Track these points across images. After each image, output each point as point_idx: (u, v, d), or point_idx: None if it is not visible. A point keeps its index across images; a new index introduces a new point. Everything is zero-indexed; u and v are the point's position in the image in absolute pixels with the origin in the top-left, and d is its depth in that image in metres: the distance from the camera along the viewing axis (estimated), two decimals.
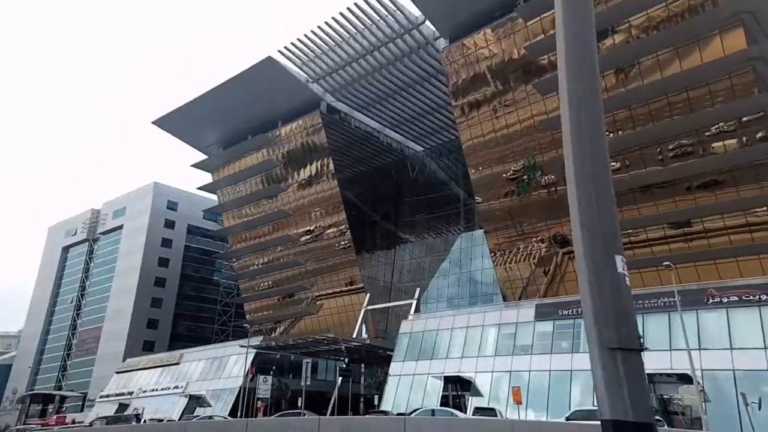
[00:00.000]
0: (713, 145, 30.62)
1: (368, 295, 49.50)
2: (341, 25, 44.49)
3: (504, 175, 40.54)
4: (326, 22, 44.84)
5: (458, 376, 28.91)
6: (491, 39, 39.23)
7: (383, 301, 55.11)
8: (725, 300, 23.33)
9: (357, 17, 43.27)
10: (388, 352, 37.02)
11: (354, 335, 44.88)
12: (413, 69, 47.85)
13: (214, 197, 71.36)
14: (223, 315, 78.69)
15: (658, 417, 19.65)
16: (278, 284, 62.43)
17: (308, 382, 33.40)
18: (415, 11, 42.25)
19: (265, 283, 63.90)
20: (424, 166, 61.82)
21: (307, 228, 57.96)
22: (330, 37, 46.07)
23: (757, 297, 22.36)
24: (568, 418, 21.15)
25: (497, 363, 28.90)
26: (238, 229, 65.21)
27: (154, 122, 63.42)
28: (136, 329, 72.79)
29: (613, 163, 33.84)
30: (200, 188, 69.36)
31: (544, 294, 39.61)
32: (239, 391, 40.04)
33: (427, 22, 42.91)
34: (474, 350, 30.34)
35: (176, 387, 47.93)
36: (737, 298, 22.70)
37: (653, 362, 21.85)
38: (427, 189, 61.07)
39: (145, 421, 37.24)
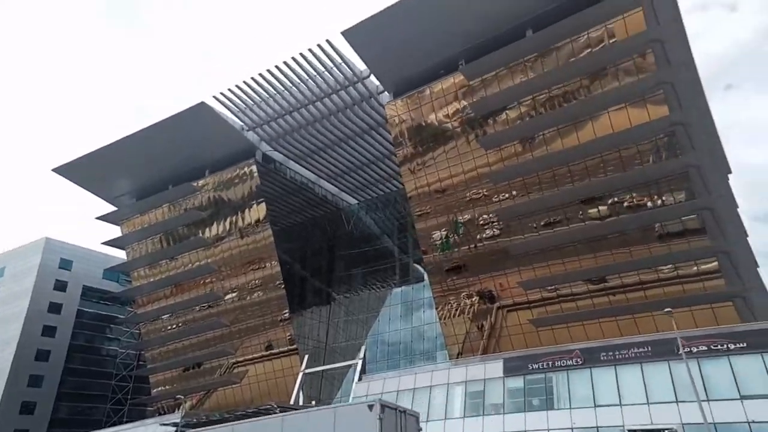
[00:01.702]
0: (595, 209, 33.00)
1: (306, 356, 45.74)
2: (284, 74, 43.78)
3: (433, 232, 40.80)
4: (269, 70, 43.93)
5: None
6: (435, 95, 40.51)
7: (316, 364, 51.32)
8: (695, 350, 23.87)
9: (301, 67, 42.87)
10: None
11: (291, 403, 40.62)
12: (354, 121, 47.92)
13: (118, 254, 64.19)
14: (118, 392, 68.18)
15: None
16: (194, 350, 56.18)
17: None
18: (360, 65, 42.78)
19: (179, 350, 57.20)
20: (359, 220, 60.96)
21: (235, 284, 53.52)
22: (271, 86, 45.05)
23: (725, 346, 23.19)
24: None
25: (467, 426, 27.02)
26: (149, 288, 58.64)
27: (54, 170, 56.92)
28: (5, 416, 60.58)
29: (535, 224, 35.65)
30: (106, 243, 62.12)
31: (484, 351, 39.21)
32: None
33: (372, 77, 43.54)
34: (440, 412, 28.29)
35: None
36: (706, 348, 23.29)
37: (631, 417, 21.56)
38: (361, 243, 59.89)
39: None
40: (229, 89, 46.06)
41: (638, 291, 31.99)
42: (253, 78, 44.72)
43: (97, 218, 61.28)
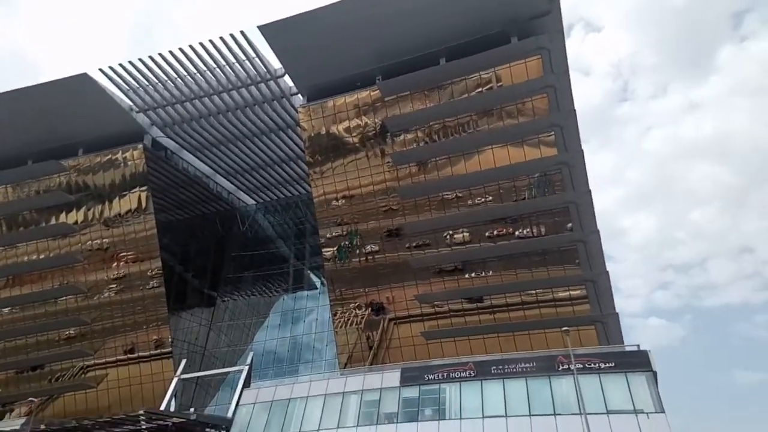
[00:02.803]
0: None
1: (184, 360, 42.26)
2: (189, 59, 40.55)
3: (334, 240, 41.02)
4: (171, 52, 40.43)
5: None
6: (351, 106, 40.76)
7: (192, 369, 47.74)
8: (571, 367, 26.68)
9: (209, 54, 40.18)
10: (212, 431, 31.52)
11: (162, 409, 37.17)
12: (262, 118, 46.10)
13: None
14: None
15: None
16: (41, 349, 48.92)
17: None
18: (275, 63, 41.44)
19: (20, 348, 49.35)
20: (255, 221, 58.50)
21: (103, 277, 47.82)
22: (172, 68, 41.48)
23: (598, 365, 26.38)
24: None
25: None
26: None
27: None
28: None
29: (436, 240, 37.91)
30: None
31: (373, 361, 40.12)
32: None
33: (286, 77, 42.42)
34: (333, 421, 27.94)
35: None
36: (582, 366, 26.25)
37: (514, 428, 23.42)
38: (255, 245, 57.45)
39: None
40: (121, 65, 41.40)
41: (519, 311, 35.31)
42: (151, 57, 40.79)
43: None
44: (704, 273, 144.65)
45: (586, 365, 23.25)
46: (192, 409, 33.62)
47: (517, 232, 35.85)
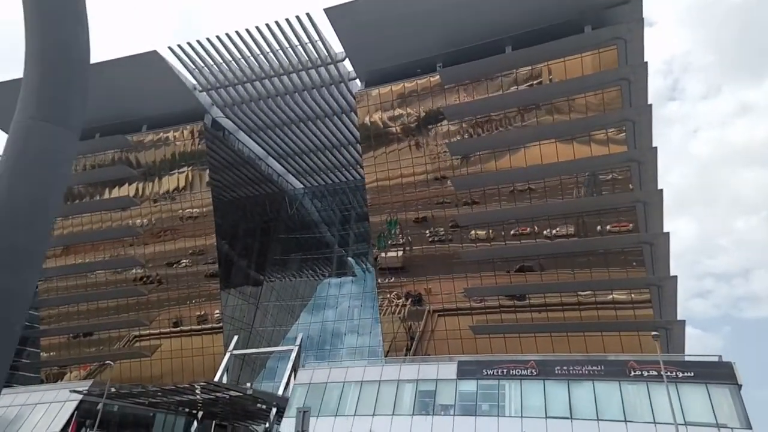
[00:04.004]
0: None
1: (236, 336, 43.37)
2: (254, 40, 41.09)
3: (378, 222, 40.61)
4: (237, 32, 41.03)
5: None
6: (409, 92, 40.25)
7: (239, 346, 49.00)
8: (645, 374, 25.56)
9: (274, 36, 40.53)
10: (263, 406, 32.08)
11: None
12: (318, 102, 46.32)
13: None
14: None
15: None
16: (99, 316, 51.32)
17: None
18: (336, 47, 41.37)
19: (80, 314, 51.93)
20: (301, 205, 59.16)
21: (160, 251, 49.58)
22: (237, 49, 42.11)
23: (674, 374, 25.09)
24: None
25: (416, 424, 26.95)
26: (58, 242, 52.63)
27: None
28: None
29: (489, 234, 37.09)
30: None
31: (414, 352, 39.86)
32: None
33: (345, 61, 42.30)
34: (388, 408, 27.96)
35: None
36: (656, 373, 25.03)
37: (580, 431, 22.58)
38: (300, 229, 58.16)
39: None
40: (189, 44, 42.43)
41: (575, 311, 34.07)
42: (218, 37, 41.57)
43: None
44: (746, 284, 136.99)
45: (662, 373, 21.97)
46: (249, 384, 34.40)
47: (576, 230, 34.50)
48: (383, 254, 40.97)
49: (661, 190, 32.27)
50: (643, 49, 32.96)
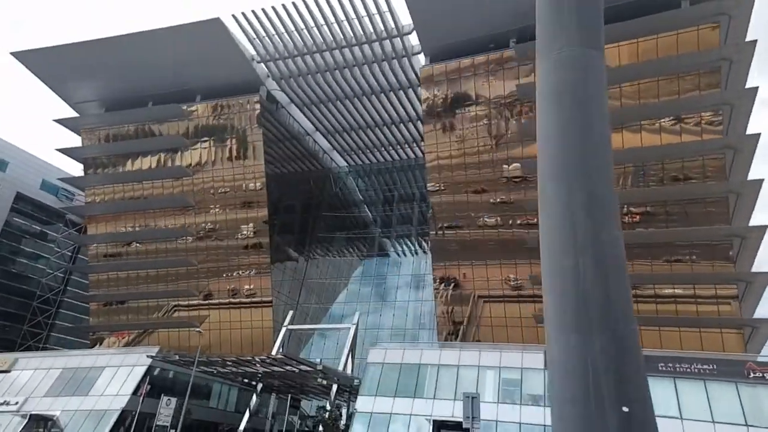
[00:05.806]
0: None
1: (292, 311, 43.07)
2: (320, 9, 39.72)
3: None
4: (305, 0, 39.66)
5: (457, 422, 24.98)
6: (479, 69, 38.59)
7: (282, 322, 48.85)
8: (766, 376, 23.80)
9: (341, 5, 39.11)
10: (324, 381, 31.60)
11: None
12: (377, 77, 44.99)
13: (64, 166, 57.32)
14: (39, 314, 61.61)
15: None
16: (148, 283, 51.75)
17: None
18: (404, 19, 39.78)
19: (130, 281, 52.46)
20: (345, 185, 58.34)
21: (212, 221, 49.47)
22: (302, 18, 40.85)
23: None
24: None
25: (501, 412, 26.09)
26: (106, 209, 53.07)
27: (14, 53, 49.40)
28: None
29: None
30: (61, 150, 55.21)
31: (463, 338, 38.87)
32: (120, 416, 30.31)
33: (411, 35, 40.70)
34: (471, 392, 27.06)
35: (5, 403, 34.72)
36: None
37: None
38: (344, 207, 57.45)
39: None
40: (253, 11, 41.40)
41: (650, 304, 32.40)
42: (284, 5, 40.32)
43: (56, 120, 54.20)
44: None
45: None
46: (319, 360, 34.07)
47: (659, 219, 32.64)
48: (440, 235, 39.83)
49: (760, 180, 29.97)
50: (748, 26, 30.44)
